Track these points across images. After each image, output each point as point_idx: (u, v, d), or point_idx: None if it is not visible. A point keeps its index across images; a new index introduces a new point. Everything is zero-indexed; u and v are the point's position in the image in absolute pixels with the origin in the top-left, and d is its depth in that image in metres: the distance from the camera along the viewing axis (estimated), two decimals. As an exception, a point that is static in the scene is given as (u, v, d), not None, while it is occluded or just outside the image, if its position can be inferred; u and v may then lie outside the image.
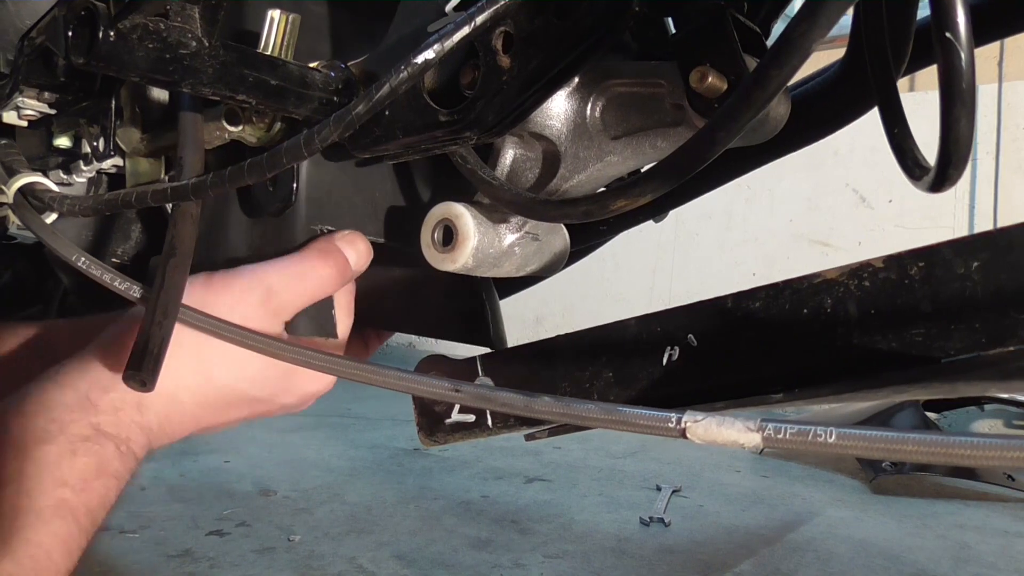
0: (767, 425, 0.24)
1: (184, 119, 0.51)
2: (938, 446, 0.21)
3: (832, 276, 0.40)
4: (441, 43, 0.41)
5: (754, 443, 0.24)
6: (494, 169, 0.55)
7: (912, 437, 0.21)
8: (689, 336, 0.46)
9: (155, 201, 0.49)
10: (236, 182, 0.45)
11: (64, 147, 0.61)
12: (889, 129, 0.43)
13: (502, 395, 0.30)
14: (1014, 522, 1.80)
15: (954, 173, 0.37)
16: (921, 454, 0.21)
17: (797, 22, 0.32)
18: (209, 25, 0.44)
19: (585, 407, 0.27)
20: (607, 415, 0.27)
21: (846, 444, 0.22)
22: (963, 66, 0.32)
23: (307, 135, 0.42)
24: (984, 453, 0.20)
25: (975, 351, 0.35)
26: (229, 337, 0.47)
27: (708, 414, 0.25)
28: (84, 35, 0.40)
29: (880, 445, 0.22)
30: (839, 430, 0.22)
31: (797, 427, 0.23)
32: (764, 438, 0.24)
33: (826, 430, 0.23)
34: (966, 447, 0.20)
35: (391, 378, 0.37)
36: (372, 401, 2.89)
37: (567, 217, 0.48)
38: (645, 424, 0.26)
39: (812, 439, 0.23)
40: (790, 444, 0.23)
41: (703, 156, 0.38)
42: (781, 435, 0.24)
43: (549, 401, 0.29)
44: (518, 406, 0.29)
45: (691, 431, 0.26)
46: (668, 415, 0.26)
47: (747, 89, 0.35)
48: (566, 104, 0.52)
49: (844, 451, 0.23)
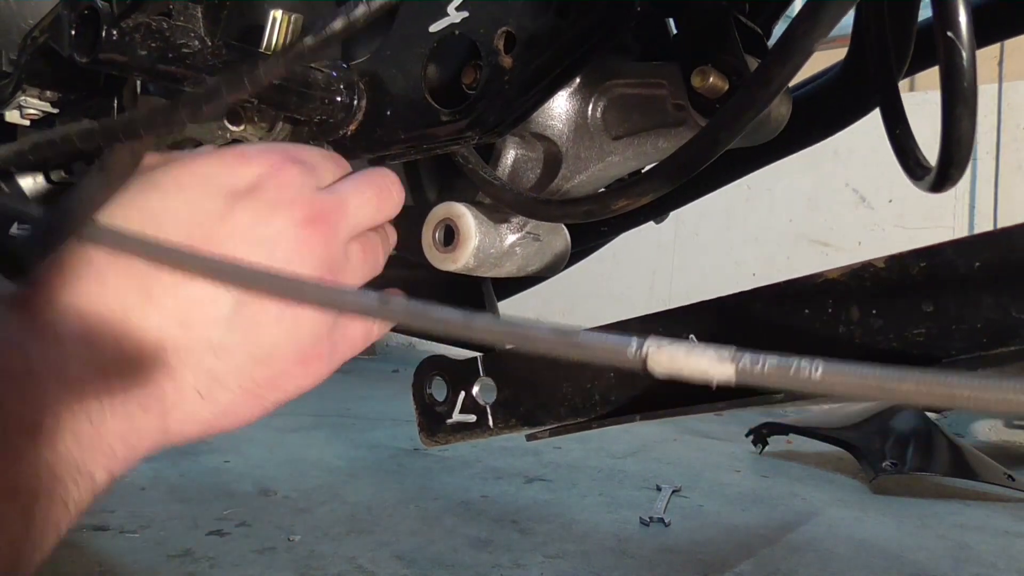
0: (743, 355, 0.21)
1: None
2: (937, 385, 0.19)
3: (834, 276, 0.40)
4: None
5: (726, 375, 0.21)
6: (495, 169, 0.55)
7: (909, 375, 0.20)
8: (690, 336, 0.46)
9: (81, 140, 0.43)
10: (171, 120, 0.38)
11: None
12: (891, 129, 0.44)
13: (436, 311, 0.26)
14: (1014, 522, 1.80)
15: (956, 173, 0.37)
16: (919, 395, 0.20)
17: (799, 22, 0.32)
18: (212, 24, 0.44)
19: (535, 330, 0.24)
20: (559, 338, 0.24)
21: (834, 381, 0.20)
22: (965, 65, 0.32)
23: (263, 64, 0.36)
24: (985, 395, 0.19)
25: (976, 351, 0.35)
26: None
27: (674, 340, 0.23)
28: (87, 34, 0.40)
29: (873, 383, 0.20)
30: (826, 364, 0.20)
31: (777, 359, 0.20)
32: (738, 370, 0.21)
33: (811, 363, 0.20)
34: (967, 388, 0.19)
35: (310, 291, 0.31)
36: (372, 401, 2.90)
37: (568, 217, 0.49)
38: (600, 348, 0.23)
39: (794, 373, 0.20)
40: (768, 379, 0.21)
41: (705, 156, 0.38)
42: (758, 367, 0.21)
43: (490, 318, 0.25)
44: (456, 324, 0.25)
45: (653, 359, 0.23)
46: (628, 339, 0.23)
47: (749, 89, 0.35)
48: (568, 104, 0.52)
49: (831, 389, 0.20)
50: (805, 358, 0.21)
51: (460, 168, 0.52)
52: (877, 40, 0.44)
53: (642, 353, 0.23)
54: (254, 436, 2.15)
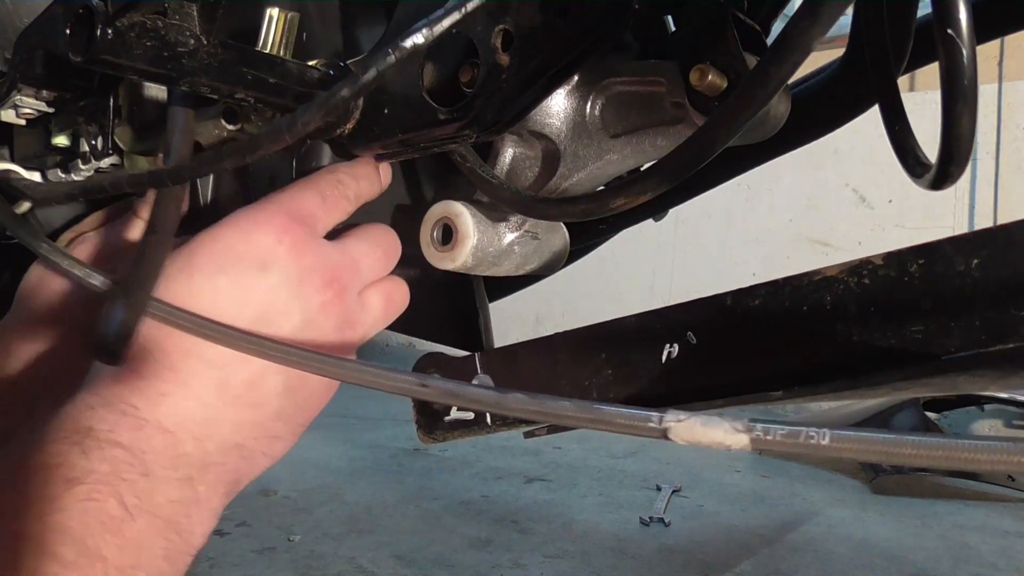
0: (755, 426, 0.22)
1: (174, 110, 0.50)
2: (937, 448, 0.20)
3: (832, 273, 0.40)
4: (430, 28, 0.40)
5: (742, 444, 0.23)
6: (494, 167, 0.55)
7: (910, 440, 0.21)
8: (688, 333, 0.46)
9: (131, 186, 0.48)
10: (212, 166, 0.44)
11: (62, 146, 0.61)
12: (890, 127, 0.43)
13: (471, 391, 0.29)
14: (1014, 522, 1.80)
15: (955, 171, 0.37)
16: (919, 457, 0.21)
17: (797, 20, 0.32)
18: (207, 23, 0.44)
19: (560, 405, 0.26)
20: (583, 413, 0.26)
21: (840, 446, 0.22)
22: (965, 63, 0.32)
23: (289, 119, 0.42)
24: (984, 456, 0.20)
25: (975, 348, 0.35)
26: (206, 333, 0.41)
27: (691, 414, 0.24)
28: (82, 33, 0.40)
29: (877, 448, 0.21)
30: (833, 431, 0.22)
31: (788, 428, 0.22)
32: (752, 439, 0.23)
33: (819, 431, 0.22)
34: (965, 450, 0.20)
35: (352, 371, 0.36)
36: (372, 401, 2.89)
37: (566, 215, 0.48)
38: (624, 424, 0.25)
39: (804, 440, 0.22)
40: (780, 446, 0.22)
41: (703, 154, 0.38)
42: (771, 437, 0.22)
43: (521, 398, 0.27)
44: (488, 403, 0.28)
45: (673, 431, 0.25)
46: (649, 414, 0.24)
47: (747, 87, 0.35)
48: (566, 102, 0.52)
49: (838, 453, 0.22)
50: (812, 427, 0.23)
51: (458, 166, 0.52)
52: (876, 36, 0.44)
53: (663, 425, 0.25)
54: (254, 436, 2.15)
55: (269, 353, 0.40)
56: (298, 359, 0.40)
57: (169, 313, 0.41)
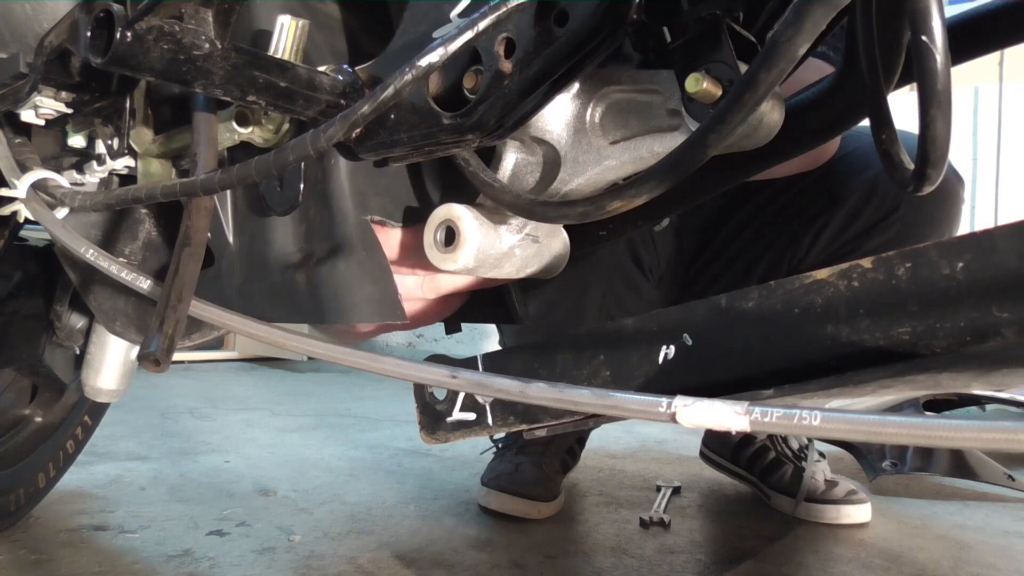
0: (754, 409, 0.25)
1: (199, 118, 0.52)
2: (918, 428, 0.22)
3: (822, 276, 0.41)
4: (445, 47, 0.42)
5: (742, 426, 0.25)
6: (496, 172, 0.56)
7: (893, 420, 0.22)
8: (684, 335, 0.47)
9: (164, 197, 0.50)
10: (244, 179, 0.47)
11: (78, 147, 0.62)
12: (877, 136, 0.45)
13: (497, 381, 0.32)
14: (1014, 522, 1.80)
15: (932, 172, 0.38)
16: (902, 436, 0.22)
17: (783, 28, 0.33)
18: (222, 28, 0.45)
19: (579, 392, 0.29)
20: (600, 400, 0.28)
21: (831, 427, 0.23)
22: (938, 68, 0.33)
23: (313, 134, 0.44)
24: (959, 435, 0.21)
25: (959, 348, 0.36)
26: (235, 326, 0.47)
27: (697, 399, 0.26)
28: (102, 36, 0.42)
29: (863, 427, 0.23)
30: (824, 413, 0.23)
31: (783, 410, 0.24)
32: (751, 421, 0.25)
33: (811, 413, 0.24)
34: (943, 429, 0.21)
35: (390, 365, 0.39)
36: (372, 401, 2.90)
37: (565, 218, 0.50)
38: (637, 409, 0.28)
39: (798, 422, 0.24)
40: (776, 427, 0.25)
41: (695, 159, 0.39)
42: (767, 418, 0.25)
43: (543, 387, 0.30)
44: (513, 392, 0.31)
45: (681, 415, 0.27)
46: (659, 399, 0.27)
47: (737, 92, 0.36)
48: (566, 109, 0.53)
49: (829, 433, 0.24)
50: (804, 409, 0.25)
51: (461, 170, 0.54)
52: (865, 48, 0.45)
53: (671, 409, 0.28)
54: (254, 436, 2.16)
55: (299, 346, 0.42)
56: (333, 354, 0.43)
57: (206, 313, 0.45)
